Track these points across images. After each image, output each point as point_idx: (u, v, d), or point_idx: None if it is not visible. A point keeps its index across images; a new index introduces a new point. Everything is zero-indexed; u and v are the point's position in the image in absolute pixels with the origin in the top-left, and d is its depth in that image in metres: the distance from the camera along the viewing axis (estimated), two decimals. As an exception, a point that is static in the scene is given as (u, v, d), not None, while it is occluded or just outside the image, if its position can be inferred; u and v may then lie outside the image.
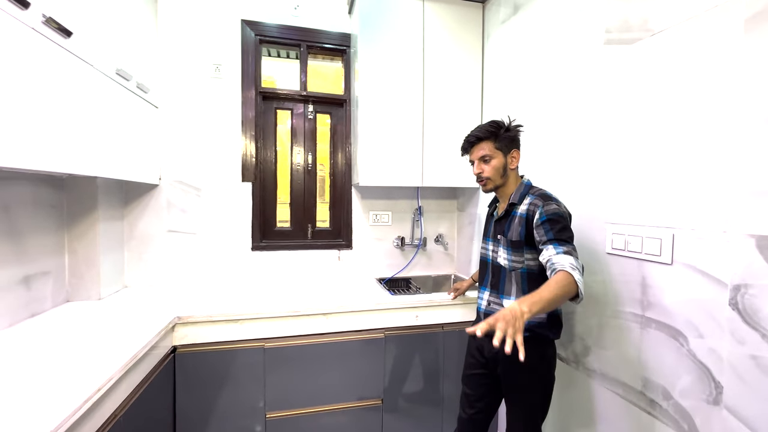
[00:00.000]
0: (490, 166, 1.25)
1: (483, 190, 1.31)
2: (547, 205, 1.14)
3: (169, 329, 1.41)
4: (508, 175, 1.26)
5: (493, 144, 1.24)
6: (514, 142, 1.26)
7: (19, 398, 0.85)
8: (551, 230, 1.10)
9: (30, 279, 1.39)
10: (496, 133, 1.24)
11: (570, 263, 1.03)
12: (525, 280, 1.20)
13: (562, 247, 1.07)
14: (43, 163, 1.06)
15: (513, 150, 1.26)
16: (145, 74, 1.72)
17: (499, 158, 1.24)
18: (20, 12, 0.96)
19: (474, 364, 1.35)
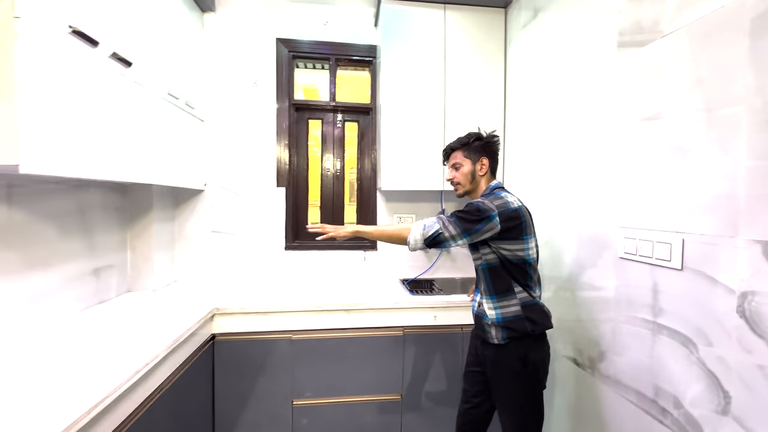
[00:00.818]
0: (460, 173, 1.40)
1: (456, 194, 1.44)
2: (482, 198, 1.27)
3: (209, 319, 1.59)
4: (477, 180, 1.39)
5: (463, 153, 1.39)
6: (483, 151, 1.38)
7: (86, 367, 1.03)
8: (460, 210, 1.24)
9: (99, 271, 1.64)
10: (467, 143, 1.39)
11: (425, 221, 1.26)
12: (487, 274, 1.28)
13: (443, 218, 1.24)
14: (112, 173, 1.27)
15: (482, 158, 1.37)
16: (192, 92, 1.94)
17: (468, 165, 1.38)
18: (91, 49, 1.17)
19: (471, 362, 1.42)
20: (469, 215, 1.21)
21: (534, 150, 1.76)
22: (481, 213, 1.19)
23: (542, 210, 1.67)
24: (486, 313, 1.28)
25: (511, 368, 1.23)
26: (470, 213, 1.21)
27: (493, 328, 1.26)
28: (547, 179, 1.65)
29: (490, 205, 1.21)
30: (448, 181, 1.46)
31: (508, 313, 1.24)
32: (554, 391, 1.57)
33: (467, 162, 1.38)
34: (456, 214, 1.23)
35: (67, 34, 1.06)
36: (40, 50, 0.97)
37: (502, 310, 1.25)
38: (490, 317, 1.27)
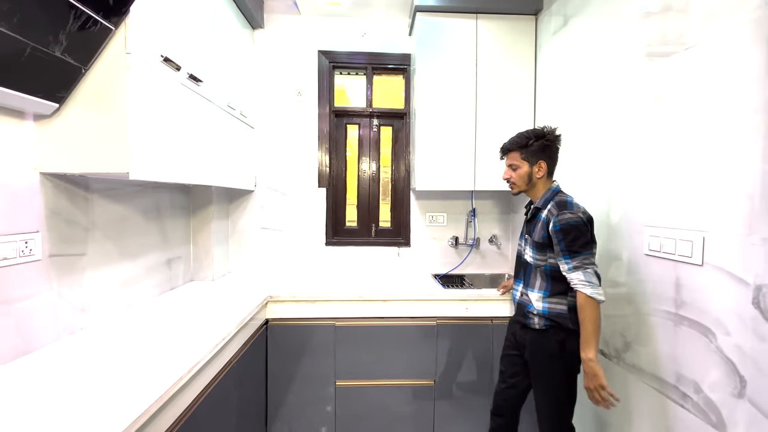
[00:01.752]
0: (516, 174, 1.42)
1: (512, 192, 1.49)
2: (561, 214, 1.28)
3: (263, 305, 1.80)
4: (534, 182, 1.41)
5: (521, 154, 1.40)
6: (542, 153, 1.39)
7: (168, 344, 1.25)
8: (563, 240, 1.26)
9: (171, 262, 1.89)
10: (525, 145, 1.39)
11: (579, 280, 1.24)
12: (548, 276, 1.36)
13: (572, 261, 1.25)
14: (181, 176, 1.48)
15: (540, 161, 1.39)
16: (246, 103, 2.16)
17: (525, 167, 1.40)
18: (175, 72, 1.38)
19: (509, 345, 1.53)
20: (583, 237, 1.25)
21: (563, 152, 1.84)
22: (587, 224, 1.27)
23: (571, 209, 1.76)
24: (532, 303, 1.39)
25: (550, 351, 1.33)
26: (582, 234, 1.25)
27: (536, 317, 1.37)
28: (576, 180, 1.73)
29: (581, 216, 1.27)
30: (504, 179, 1.48)
31: (555, 309, 1.34)
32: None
33: (524, 164, 1.40)
34: (572, 249, 1.25)
35: (159, 63, 1.27)
36: (142, 77, 1.18)
37: (550, 305, 1.35)
38: (536, 308, 1.37)
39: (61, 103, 1.11)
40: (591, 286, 1.22)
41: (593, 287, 1.23)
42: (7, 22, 0.85)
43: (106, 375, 0.99)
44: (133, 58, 1.13)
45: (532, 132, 1.40)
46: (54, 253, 1.20)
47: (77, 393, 0.90)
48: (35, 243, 1.13)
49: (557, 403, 1.35)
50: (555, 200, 1.35)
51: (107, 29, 1.08)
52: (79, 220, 1.30)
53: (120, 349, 1.17)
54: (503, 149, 1.47)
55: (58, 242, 1.21)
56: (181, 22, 1.42)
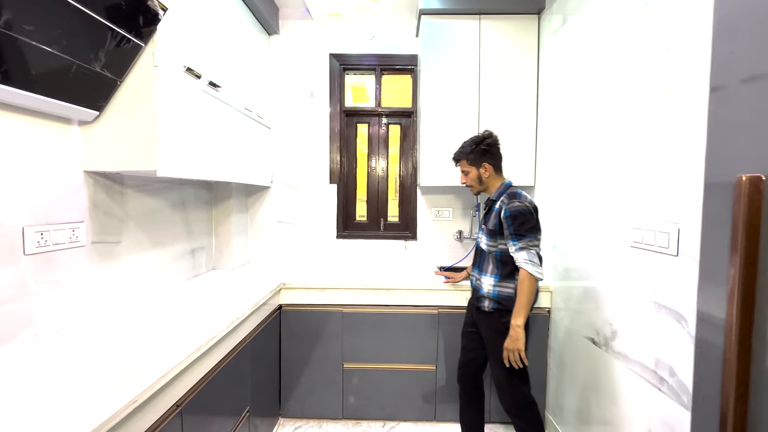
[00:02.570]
0: (469, 177, 1.64)
1: (472, 193, 1.69)
2: (511, 203, 1.48)
3: (277, 291, 1.96)
4: (485, 182, 1.62)
5: (467, 161, 1.63)
6: (484, 156, 1.59)
7: (191, 321, 1.42)
8: (512, 225, 1.47)
9: (195, 251, 2.08)
10: (467, 153, 1.61)
11: (524, 259, 1.44)
12: (499, 261, 1.56)
13: (519, 242, 1.46)
14: (205, 173, 1.65)
15: (483, 163, 1.60)
16: (262, 105, 2.32)
17: (473, 171, 1.62)
18: (196, 80, 1.54)
19: (467, 323, 1.75)
20: (528, 222, 1.46)
21: (561, 147, 1.90)
22: (533, 212, 1.49)
23: (566, 202, 1.82)
24: (483, 287, 1.59)
25: (497, 330, 1.54)
26: (527, 220, 1.46)
27: (486, 300, 1.57)
28: (572, 174, 1.78)
29: (528, 204, 1.48)
30: (462, 183, 1.69)
31: (503, 292, 1.54)
32: (575, 368, 1.73)
33: (472, 168, 1.62)
34: (519, 232, 1.45)
35: (182, 73, 1.43)
36: (168, 87, 1.34)
37: (499, 289, 1.55)
38: (487, 292, 1.57)
39: (100, 111, 1.28)
40: (532, 265, 1.43)
41: (534, 266, 1.44)
42: (58, 45, 1.02)
43: (138, 344, 1.17)
44: (160, 70, 1.30)
45: (472, 140, 1.62)
46: (95, 241, 1.39)
47: (114, 358, 1.07)
48: (81, 231, 1.32)
49: (510, 376, 1.51)
50: (507, 192, 1.54)
51: (138, 46, 1.24)
52: (116, 212, 1.49)
53: (150, 324, 1.35)
54: (454, 159, 1.68)
55: (98, 231, 1.40)
56: (202, 33, 1.59)
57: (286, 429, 2.01)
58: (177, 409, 1.05)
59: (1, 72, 0.96)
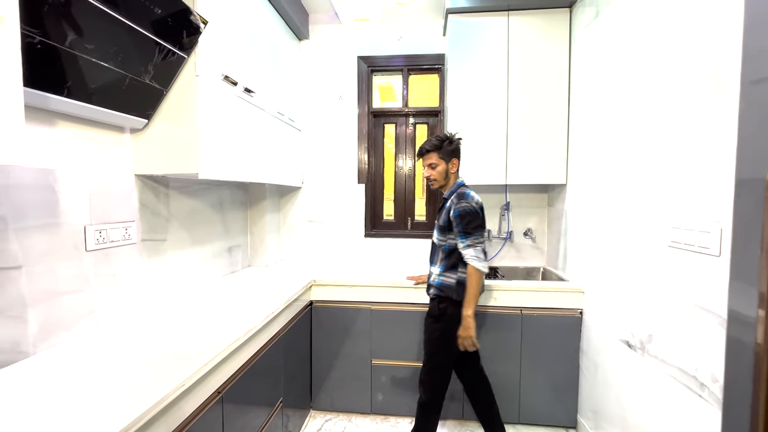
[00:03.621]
0: (435, 171, 1.67)
1: (431, 188, 1.78)
2: (459, 203, 1.58)
3: (308, 288, 2.03)
4: (449, 177, 1.69)
5: (438, 154, 1.65)
6: (454, 153, 1.67)
7: (229, 314, 1.50)
8: (460, 223, 1.57)
9: (231, 249, 2.20)
10: (440, 146, 1.65)
11: (471, 255, 1.55)
12: (446, 254, 1.66)
13: (467, 240, 1.56)
14: (241, 175, 1.74)
15: (453, 158, 1.67)
16: (293, 108, 2.41)
17: (442, 165, 1.66)
18: (233, 87, 1.63)
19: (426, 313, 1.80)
20: (475, 221, 1.57)
21: (594, 144, 1.84)
22: (479, 212, 1.60)
23: (599, 200, 1.76)
24: (431, 277, 1.71)
25: (434, 315, 1.67)
26: (474, 219, 1.57)
27: (432, 288, 1.69)
28: (606, 172, 1.73)
29: (474, 205, 1.58)
30: (425, 178, 1.72)
31: (446, 282, 1.65)
32: (609, 371, 1.67)
33: (441, 162, 1.66)
34: (467, 230, 1.56)
35: (220, 80, 1.52)
36: (207, 94, 1.44)
37: (443, 278, 1.66)
38: (432, 281, 1.70)
39: (149, 119, 1.39)
40: (479, 260, 1.55)
41: (480, 261, 1.55)
42: (114, 61, 1.12)
43: (184, 334, 1.26)
44: (201, 79, 1.39)
45: (443, 136, 1.67)
46: (145, 238, 1.51)
47: (164, 346, 1.17)
48: (132, 230, 1.44)
49: (431, 358, 1.67)
50: (457, 192, 1.63)
51: (182, 58, 1.34)
52: (162, 212, 1.61)
53: (194, 316, 1.45)
54: (421, 152, 1.70)
55: (147, 230, 1.52)
56: (237, 42, 1.68)
57: (316, 421, 2.08)
58: (218, 395, 1.13)
59: (67, 87, 1.07)
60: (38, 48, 0.93)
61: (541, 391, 2.00)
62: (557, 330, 1.96)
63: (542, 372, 1.99)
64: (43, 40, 0.93)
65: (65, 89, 1.06)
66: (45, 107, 1.07)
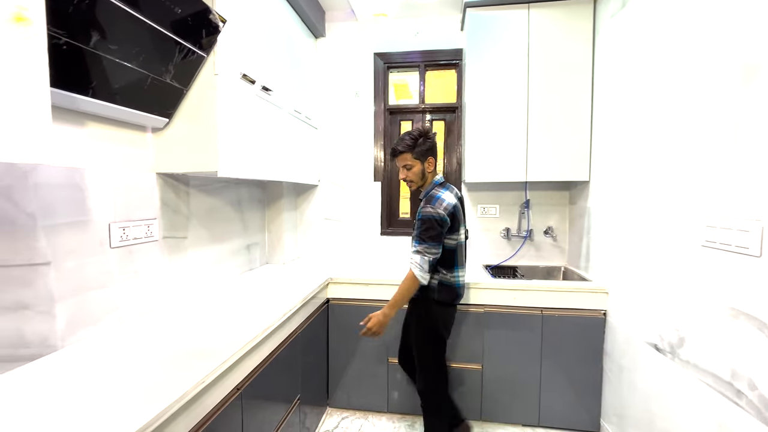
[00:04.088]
0: (411, 172, 1.61)
1: (410, 189, 1.65)
2: (425, 207, 1.53)
3: (325, 286, 2.03)
4: (426, 176, 1.63)
5: (412, 155, 1.58)
6: (429, 151, 1.60)
7: (248, 311, 1.52)
8: (419, 228, 1.52)
9: (250, 246, 2.22)
10: (413, 146, 1.57)
11: (416, 261, 1.51)
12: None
13: (419, 246, 1.51)
14: (259, 173, 1.75)
15: (429, 157, 1.60)
16: (309, 106, 2.41)
17: (417, 165, 1.60)
18: (251, 86, 1.64)
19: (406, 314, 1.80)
20: (433, 230, 1.49)
21: (620, 139, 1.77)
22: (438, 223, 1.50)
23: (626, 198, 1.69)
24: None
25: (418, 316, 1.65)
26: (433, 228, 1.49)
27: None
28: (633, 168, 1.66)
29: (441, 212, 1.50)
30: (401, 180, 1.66)
31: (431, 284, 1.59)
32: (635, 375, 1.61)
33: (417, 163, 1.59)
34: (422, 237, 1.51)
35: (239, 79, 1.53)
36: (226, 93, 1.45)
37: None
38: None
39: (170, 118, 1.41)
40: (420, 270, 1.50)
41: (422, 271, 1.50)
42: (136, 61, 1.14)
43: (204, 330, 1.28)
44: (219, 78, 1.40)
45: (416, 133, 1.59)
46: (166, 236, 1.53)
47: (185, 342, 1.19)
48: (154, 227, 1.46)
49: (420, 354, 1.65)
50: (429, 194, 1.58)
51: (201, 57, 1.35)
52: (182, 209, 1.63)
53: (213, 313, 1.47)
54: (394, 153, 1.63)
55: (168, 227, 1.55)
56: (255, 41, 1.68)
57: (333, 418, 2.09)
58: (237, 392, 1.14)
59: (91, 87, 1.09)
60: (64, 49, 0.94)
61: (563, 393, 1.95)
62: (579, 331, 1.90)
63: (563, 374, 1.93)
64: (69, 41, 0.94)
65: (90, 89, 1.09)
66: (70, 107, 1.10)
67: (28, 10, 0.74)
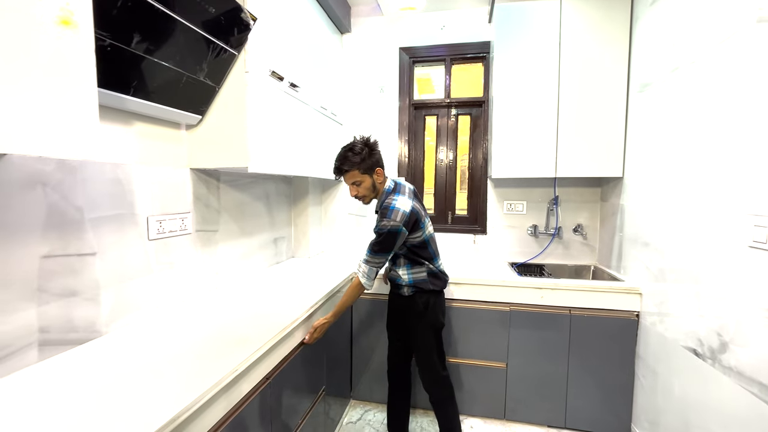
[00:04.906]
0: (362, 188, 1.56)
1: (363, 203, 1.63)
2: (381, 221, 1.51)
3: (350, 280, 2.05)
4: (378, 188, 1.59)
5: (359, 171, 1.52)
6: (377, 162, 1.56)
7: (277, 303, 1.55)
8: (374, 239, 1.53)
9: (277, 240, 2.27)
10: (360, 162, 1.51)
11: (363, 270, 1.55)
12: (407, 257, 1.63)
13: (368, 256, 1.54)
14: (287, 169, 1.78)
15: (376, 168, 1.56)
16: (335, 103, 2.43)
17: (367, 180, 1.55)
18: (279, 82, 1.67)
19: (391, 314, 1.80)
20: (385, 243, 1.50)
21: (658, 133, 1.69)
22: (392, 236, 1.48)
23: (663, 195, 1.61)
24: (400, 276, 1.66)
25: (417, 311, 1.63)
26: (386, 241, 1.49)
27: (405, 287, 1.65)
28: (672, 163, 1.58)
29: (395, 224, 1.47)
30: (353, 197, 1.60)
31: (417, 277, 1.63)
32: (670, 380, 1.55)
33: (365, 177, 1.54)
34: (374, 248, 1.52)
35: (268, 76, 1.56)
36: (256, 90, 1.48)
37: (413, 275, 1.63)
38: (403, 280, 1.65)
39: (202, 115, 1.46)
40: (367, 278, 1.55)
41: (368, 279, 1.55)
42: (173, 60, 1.18)
43: (235, 320, 1.33)
44: (250, 75, 1.43)
45: (359, 147, 1.52)
46: (199, 229, 1.59)
47: (219, 331, 1.23)
48: (188, 221, 1.52)
49: (428, 353, 1.64)
50: (382, 205, 1.54)
51: (233, 55, 1.38)
52: (213, 204, 1.69)
53: (243, 304, 1.52)
54: (339, 172, 1.56)
55: (200, 221, 1.61)
56: (283, 38, 1.71)
57: (356, 410, 2.12)
58: (267, 381, 1.17)
59: (132, 87, 1.14)
60: (108, 50, 0.99)
61: (591, 395, 1.89)
62: (610, 333, 1.84)
63: (592, 376, 1.88)
64: (113, 42, 0.99)
65: (131, 88, 1.14)
66: (113, 106, 1.15)
67: (74, 14, 0.78)
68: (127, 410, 0.79)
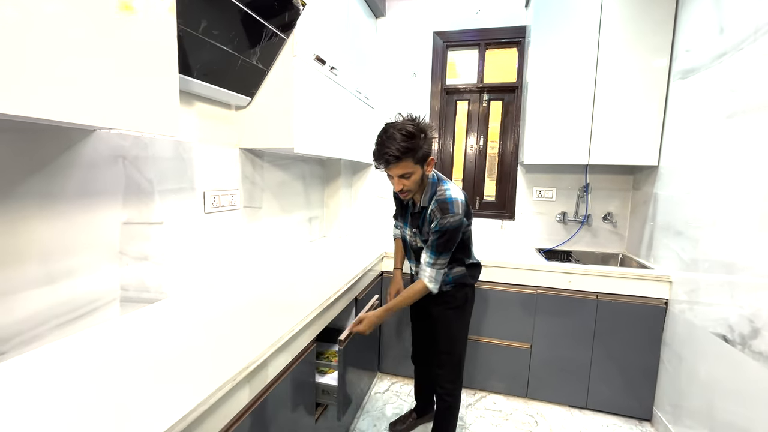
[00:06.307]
0: (411, 181, 1.32)
1: (403, 198, 1.44)
2: (444, 218, 1.33)
3: (380, 259, 2.14)
4: (425, 182, 1.40)
5: (413, 160, 1.27)
6: (430, 150, 1.32)
7: (318, 277, 1.66)
8: (436, 240, 1.36)
9: (311, 219, 2.38)
10: (414, 150, 1.25)
11: (429, 276, 1.40)
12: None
13: (433, 258, 1.38)
14: (324, 151, 1.85)
15: (430, 158, 1.34)
16: (369, 87, 2.47)
17: (418, 172, 1.31)
18: (321, 66, 1.73)
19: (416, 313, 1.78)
20: (450, 241, 1.37)
21: (699, 118, 1.67)
22: (457, 231, 1.37)
23: (700, 184, 1.61)
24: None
25: (455, 306, 1.54)
26: (452, 239, 1.37)
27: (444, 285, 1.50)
28: (711, 151, 1.57)
29: (459, 217, 1.34)
30: (397, 191, 1.37)
31: (457, 273, 1.53)
32: (696, 365, 1.58)
33: (417, 168, 1.30)
34: (439, 249, 1.37)
35: (312, 60, 1.63)
36: (302, 73, 1.55)
37: (452, 272, 1.52)
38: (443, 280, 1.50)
39: (252, 97, 1.55)
40: (434, 283, 1.41)
41: (434, 283, 1.41)
42: (231, 45, 1.26)
43: (285, 288, 1.44)
44: (297, 59, 1.50)
45: (412, 129, 1.26)
46: (246, 205, 1.70)
47: (275, 298, 1.35)
48: (237, 197, 1.63)
49: (459, 345, 1.59)
50: (436, 199, 1.37)
51: (282, 39, 1.45)
52: (258, 182, 1.79)
53: (289, 275, 1.63)
54: (387, 160, 1.28)
55: (247, 198, 1.71)
56: (325, 23, 1.76)
57: (384, 382, 2.24)
58: (313, 344, 1.28)
59: (195, 69, 1.23)
60: (180, 36, 1.07)
61: (613, 378, 1.94)
62: (637, 319, 1.87)
63: (616, 360, 1.92)
64: (184, 28, 1.07)
65: (194, 71, 1.23)
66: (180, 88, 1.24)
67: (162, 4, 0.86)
68: (207, 358, 0.91)
